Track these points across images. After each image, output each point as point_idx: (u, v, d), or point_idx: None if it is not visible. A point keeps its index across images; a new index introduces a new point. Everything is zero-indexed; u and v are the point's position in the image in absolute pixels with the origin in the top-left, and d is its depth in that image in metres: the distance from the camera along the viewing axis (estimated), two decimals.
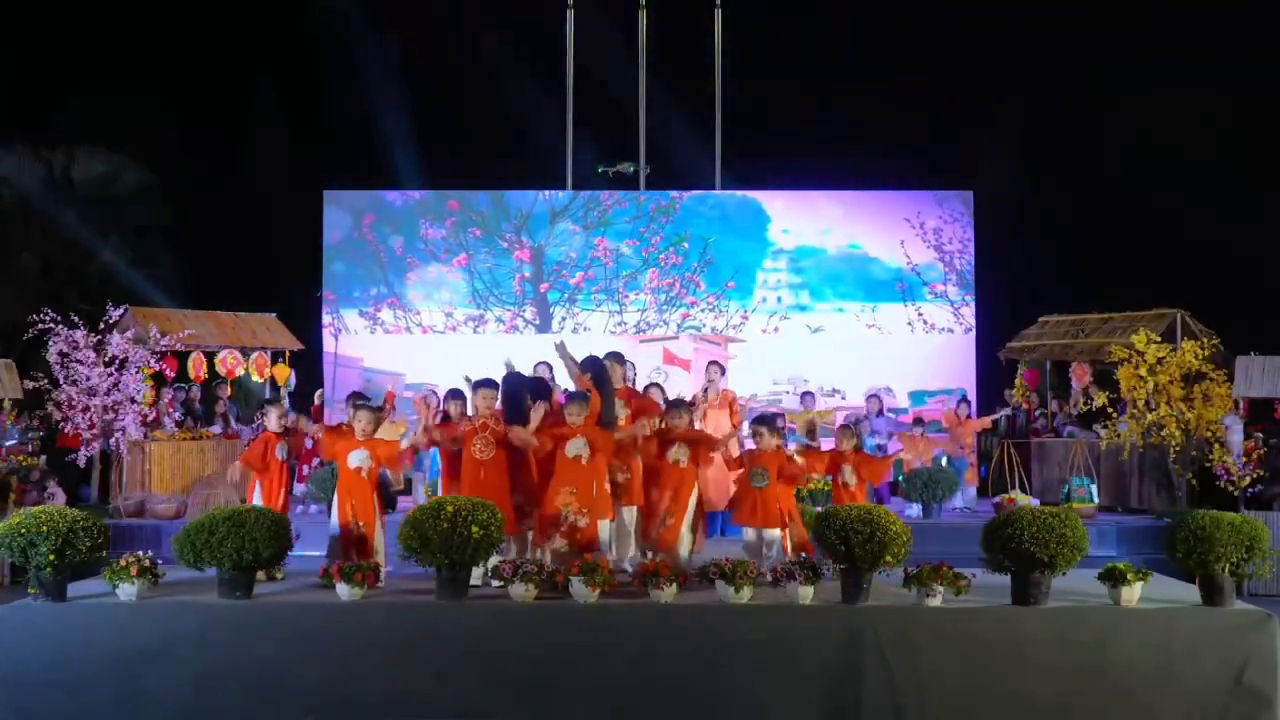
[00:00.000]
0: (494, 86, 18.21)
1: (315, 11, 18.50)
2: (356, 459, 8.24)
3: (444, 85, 18.24)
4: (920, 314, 16.77)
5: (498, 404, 8.61)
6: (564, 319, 16.90)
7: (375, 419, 8.46)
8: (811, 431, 12.10)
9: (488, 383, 8.69)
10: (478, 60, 18.33)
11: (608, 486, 8.42)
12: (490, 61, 18.26)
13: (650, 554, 8.47)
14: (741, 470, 8.74)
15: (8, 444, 12.94)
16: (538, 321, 16.95)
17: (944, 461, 13.94)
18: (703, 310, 16.97)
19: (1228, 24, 16.95)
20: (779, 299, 16.97)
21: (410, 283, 16.96)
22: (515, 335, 16.67)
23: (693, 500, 8.71)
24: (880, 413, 14.47)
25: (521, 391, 8.67)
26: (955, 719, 6.98)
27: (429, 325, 16.97)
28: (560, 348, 8.93)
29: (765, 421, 8.76)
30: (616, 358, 9.19)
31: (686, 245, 16.95)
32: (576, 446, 8.28)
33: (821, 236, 16.91)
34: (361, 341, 16.90)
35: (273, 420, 9.03)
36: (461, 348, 16.69)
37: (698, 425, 10.45)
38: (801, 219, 16.97)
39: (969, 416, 14.46)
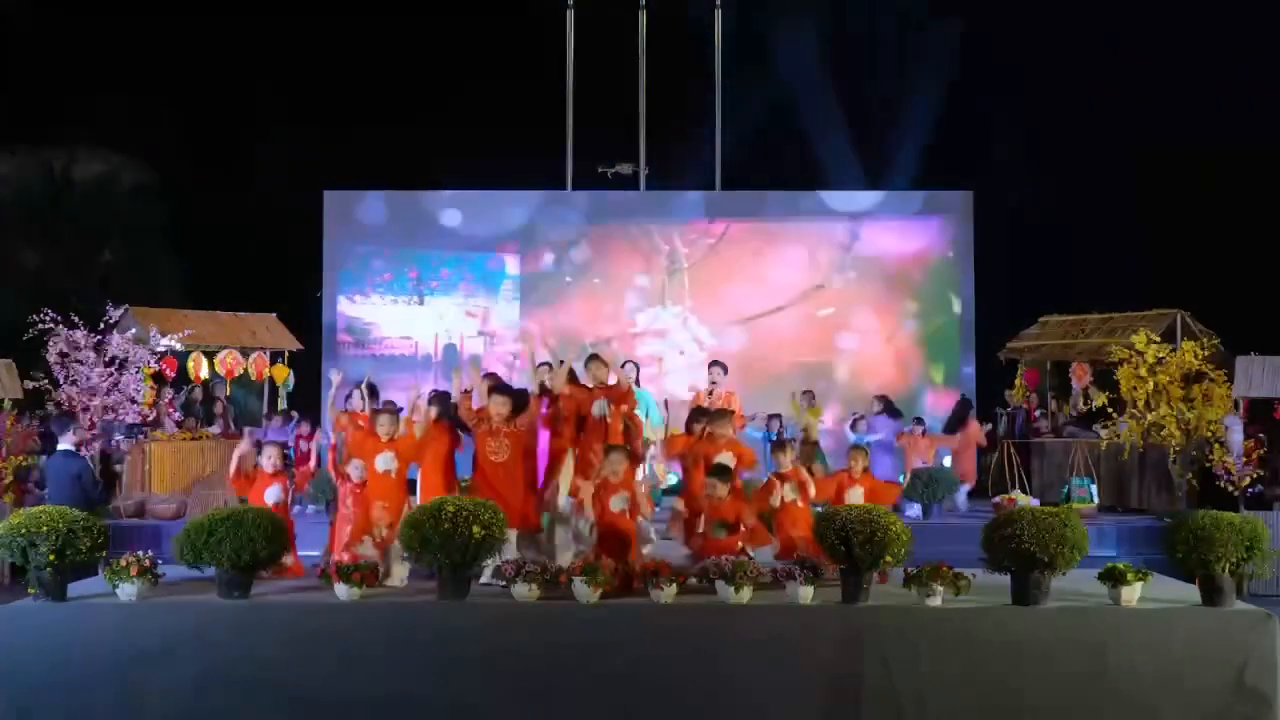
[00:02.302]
0: (494, 86, 18.21)
1: (314, 12, 18.48)
2: (383, 462, 8.31)
3: (444, 85, 18.24)
4: (925, 314, 16.76)
5: (508, 409, 8.54)
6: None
7: (395, 421, 8.47)
8: (809, 433, 12.11)
9: (502, 388, 8.67)
10: (478, 60, 18.34)
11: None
12: (490, 61, 18.27)
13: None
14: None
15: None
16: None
17: (947, 461, 13.93)
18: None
19: (1228, 24, 16.96)
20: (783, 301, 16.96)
21: (400, 284, 16.93)
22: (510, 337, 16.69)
23: None
24: (880, 413, 14.46)
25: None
26: (955, 719, 6.99)
27: (422, 327, 16.92)
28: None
29: (718, 473, 8.44)
30: (594, 359, 9.15)
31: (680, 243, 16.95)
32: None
33: (823, 235, 16.90)
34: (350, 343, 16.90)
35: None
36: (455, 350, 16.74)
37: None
38: (802, 218, 16.93)
39: (972, 417, 14.48)
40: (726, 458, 8.67)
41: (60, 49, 17.95)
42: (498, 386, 8.77)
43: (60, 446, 9.53)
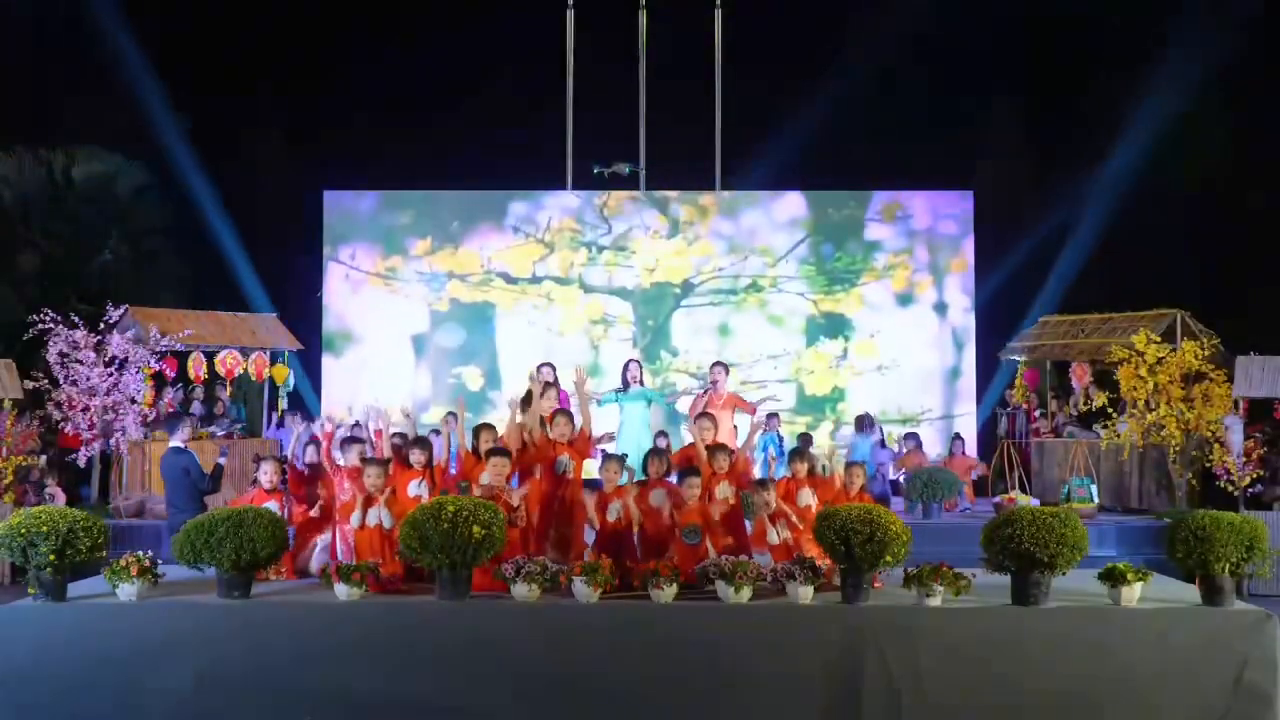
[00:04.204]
0: (494, 86, 18.19)
1: (315, 11, 18.47)
2: (373, 516, 8.13)
3: (444, 84, 18.23)
4: (920, 314, 16.70)
5: (508, 470, 8.27)
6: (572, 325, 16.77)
7: (385, 472, 8.24)
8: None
9: (500, 451, 8.35)
10: (478, 59, 18.31)
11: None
12: (490, 61, 18.25)
13: None
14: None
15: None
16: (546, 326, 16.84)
17: None
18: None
19: (1228, 23, 16.94)
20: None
21: (404, 285, 16.86)
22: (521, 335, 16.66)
23: None
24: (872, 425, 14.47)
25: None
26: (955, 719, 6.98)
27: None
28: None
29: (694, 472, 8.32)
30: (561, 415, 8.80)
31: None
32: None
33: (819, 236, 16.87)
34: (353, 345, 16.82)
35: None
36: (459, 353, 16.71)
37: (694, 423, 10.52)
38: (799, 218, 16.88)
39: (963, 454, 14.48)
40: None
41: (60, 48, 17.94)
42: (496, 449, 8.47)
43: (171, 443, 10.17)
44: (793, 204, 16.84)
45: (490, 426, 8.81)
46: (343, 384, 16.59)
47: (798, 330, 16.72)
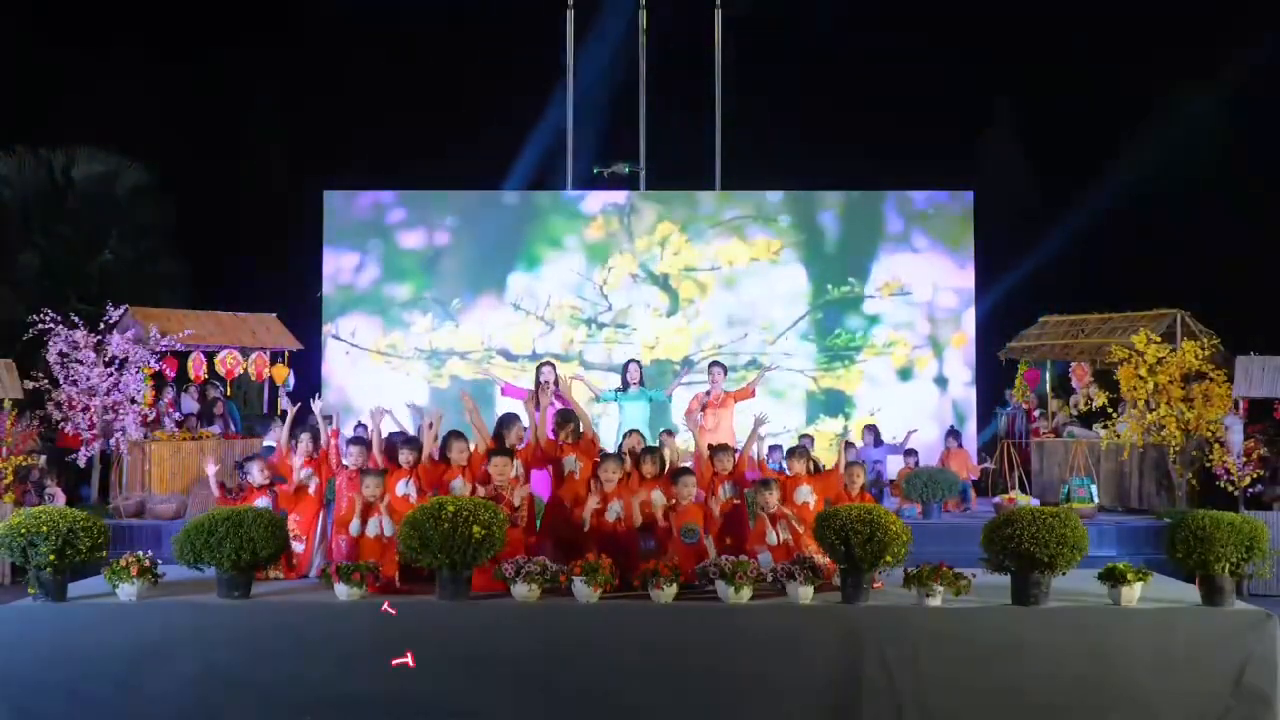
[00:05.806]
0: (494, 86, 18.21)
1: (315, 11, 18.48)
2: (373, 526, 8.15)
3: (444, 84, 18.25)
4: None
5: (513, 471, 8.39)
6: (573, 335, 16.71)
7: (382, 482, 8.23)
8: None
9: (503, 451, 8.47)
10: (478, 60, 18.33)
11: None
12: (490, 61, 18.27)
13: None
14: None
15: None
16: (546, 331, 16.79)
17: None
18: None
19: (1228, 23, 16.96)
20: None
21: (403, 288, 16.80)
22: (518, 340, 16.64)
23: None
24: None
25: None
26: (955, 719, 6.99)
27: (422, 332, 16.75)
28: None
29: (689, 471, 8.42)
30: (565, 416, 9.01)
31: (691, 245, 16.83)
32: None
33: (818, 237, 16.83)
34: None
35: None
36: (457, 358, 16.66)
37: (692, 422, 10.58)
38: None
39: (960, 448, 14.47)
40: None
41: (60, 48, 17.95)
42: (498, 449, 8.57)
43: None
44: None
45: (460, 434, 8.79)
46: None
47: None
